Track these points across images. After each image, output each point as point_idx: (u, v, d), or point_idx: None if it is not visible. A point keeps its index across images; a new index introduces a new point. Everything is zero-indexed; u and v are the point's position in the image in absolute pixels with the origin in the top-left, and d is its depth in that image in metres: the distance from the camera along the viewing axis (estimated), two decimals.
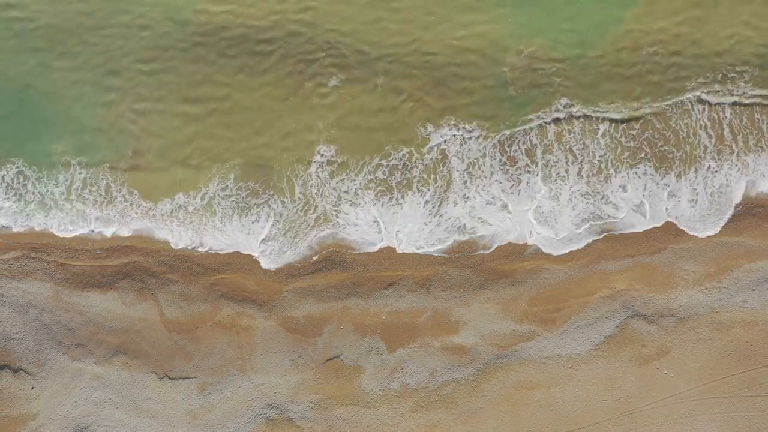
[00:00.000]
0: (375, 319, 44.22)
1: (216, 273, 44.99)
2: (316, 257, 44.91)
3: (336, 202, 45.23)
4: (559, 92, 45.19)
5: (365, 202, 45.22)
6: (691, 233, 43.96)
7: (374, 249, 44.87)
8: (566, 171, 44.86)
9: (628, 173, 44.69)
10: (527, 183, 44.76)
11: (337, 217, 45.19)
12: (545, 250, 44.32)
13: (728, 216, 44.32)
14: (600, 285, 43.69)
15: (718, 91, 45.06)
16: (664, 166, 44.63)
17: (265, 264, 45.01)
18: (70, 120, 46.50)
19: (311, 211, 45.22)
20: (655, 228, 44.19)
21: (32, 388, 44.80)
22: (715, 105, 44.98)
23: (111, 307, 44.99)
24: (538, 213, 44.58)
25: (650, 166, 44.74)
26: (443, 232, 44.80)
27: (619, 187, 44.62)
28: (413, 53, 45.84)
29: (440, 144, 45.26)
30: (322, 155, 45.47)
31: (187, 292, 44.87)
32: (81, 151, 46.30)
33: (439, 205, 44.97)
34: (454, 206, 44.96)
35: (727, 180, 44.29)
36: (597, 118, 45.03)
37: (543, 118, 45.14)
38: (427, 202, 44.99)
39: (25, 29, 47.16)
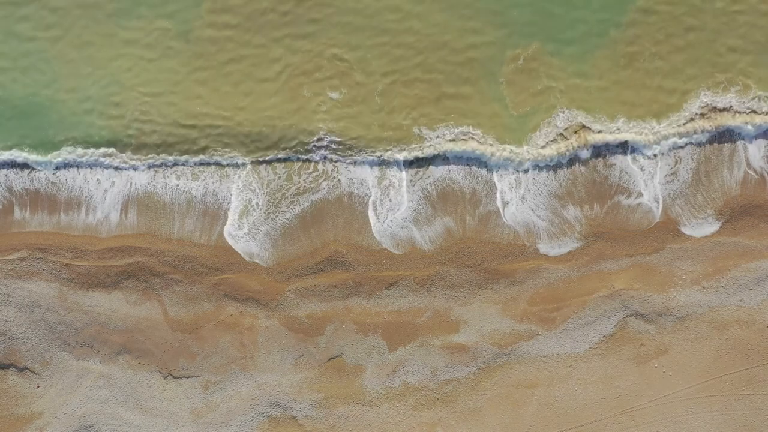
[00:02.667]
0: (376, 318, 44.47)
1: (219, 273, 45.25)
2: (318, 258, 45.17)
3: (335, 162, 45.39)
4: (560, 104, 44.81)
5: (364, 161, 45.36)
6: (689, 233, 44.19)
7: (376, 246, 45.22)
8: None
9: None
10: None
11: (338, 173, 45.36)
12: (543, 250, 44.60)
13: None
14: (599, 284, 43.94)
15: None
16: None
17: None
18: (73, 123, 46.62)
19: (309, 170, 45.43)
20: (653, 227, 44.34)
21: (38, 386, 45.07)
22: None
23: (116, 306, 45.25)
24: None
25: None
26: (429, 208, 44.80)
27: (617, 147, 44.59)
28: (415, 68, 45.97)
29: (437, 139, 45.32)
30: (322, 138, 45.42)
31: (191, 292, 45.13)
32: (84, 142, 46.55)
33: (427, 168, 45.09)
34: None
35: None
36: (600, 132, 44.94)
37: (546, 129, 44.92)
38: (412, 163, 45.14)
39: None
